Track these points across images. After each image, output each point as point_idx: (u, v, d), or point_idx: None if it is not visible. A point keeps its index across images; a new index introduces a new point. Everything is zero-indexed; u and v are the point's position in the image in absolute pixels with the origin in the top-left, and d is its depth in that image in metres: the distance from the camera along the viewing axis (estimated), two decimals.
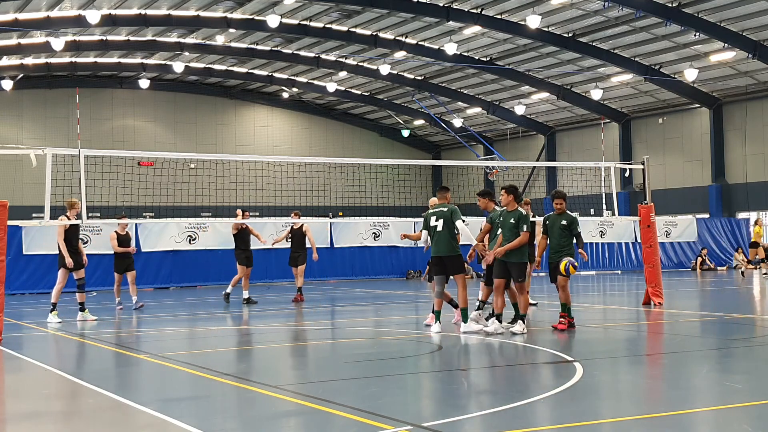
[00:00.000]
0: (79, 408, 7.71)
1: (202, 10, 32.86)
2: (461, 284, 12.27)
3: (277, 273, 25.58)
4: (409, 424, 6.48)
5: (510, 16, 32.12)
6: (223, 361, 10.41)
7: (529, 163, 47.71)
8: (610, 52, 34.21)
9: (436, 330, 12.16)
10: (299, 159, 29.76)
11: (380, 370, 9.42)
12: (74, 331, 13.68)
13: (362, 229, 27.26)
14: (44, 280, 23.04)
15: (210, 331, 14.03)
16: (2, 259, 12.08)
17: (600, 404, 7.45)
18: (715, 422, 6.74)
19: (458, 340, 11.61)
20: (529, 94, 40.99)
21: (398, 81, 41.57)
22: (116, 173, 20.36)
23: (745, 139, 36.34)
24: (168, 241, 24.63)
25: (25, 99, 42.17)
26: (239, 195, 23.87)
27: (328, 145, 48.95)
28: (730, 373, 8.94)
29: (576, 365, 9.03)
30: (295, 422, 6.96)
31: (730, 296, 20.04)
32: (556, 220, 12.63)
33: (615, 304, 18.80)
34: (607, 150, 38.47)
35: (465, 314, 12.25)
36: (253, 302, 18.07)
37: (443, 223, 12.27)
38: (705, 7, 29.16)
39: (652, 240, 16.65)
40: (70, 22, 32.15)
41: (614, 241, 31.03)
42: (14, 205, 14.56)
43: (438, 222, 12.27)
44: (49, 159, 12.94)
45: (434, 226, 12.30)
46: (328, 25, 34.42)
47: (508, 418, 6.78)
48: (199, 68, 42.27)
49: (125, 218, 17.84)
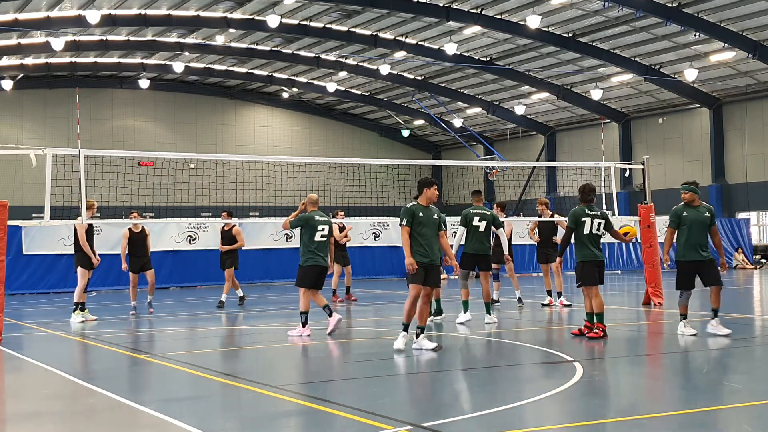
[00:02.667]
0: (79, 408, 7.71)
1: (202, 10, 32.86)
2: (485, 279, 13.68)
3: (278, 273, 25.58)
4: (409, 424, 6.48)
5: (510, 16, 32.12)
6: (223, 361, 10.41)
7: (529, 163, 47.71)
8: (610, 52, 34.21)
9: (466, 318, 13.35)
10: (299, 159, 29.73)
11: (380, 370, 9.42)
12: (74, 331, 13.68)
13: (362, 229, 27.25)
14: (44, 280, 23.07)
15: (210, 331, 14.03)
16: (2, 259, 12.09)
17: (600, 404, 7.45)
18: (715, 422, 6.74)
19: (458, 341, 11.61)
20: (529, 94, 40.99)
21: (398, 81, 41.57)
22: (116, 173, 20.34)
23: (745, 139, 36.34)
24: (168, 241, 24.63)
25: (25, 99, 42.17)
26: (239, 195, 23.83)
27: (328, 145, 48.95)
28: (730, 373, 8.94)
29: (576, 365, 9.03)
30: (295, 422, 6.96)
31: (730, 296, 20.03)
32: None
33: (615, 304, 18.78)
34: (607, 150, 38.45)
35: (488, 307, 13.52)
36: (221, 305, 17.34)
37: (486, 225, 13.58)
38: (705, 7, 29.16)
39: (652, 240, 16.64)
40: (70, 22, 32.14)
41: (614, 241, 30.94)
42: (14, 205, 14.55)
43: (480, 223, 13.53)
44: (49, 159, 12.94)
45: (476, 226, 13.50)
46: (328, 25, 34.42)
47: (508, 418, 6.78)
48: (199, 68, 42.27)
49: (137, 216, 17.17)
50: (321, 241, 12.11)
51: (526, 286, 23.89)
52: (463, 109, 44.76)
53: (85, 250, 14.82)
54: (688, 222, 11.35)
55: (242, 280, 25.77)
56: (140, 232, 16.49)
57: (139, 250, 16.35)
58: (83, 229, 14.78)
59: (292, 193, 30.08)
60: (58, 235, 22.68)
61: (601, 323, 11.33)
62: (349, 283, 19.19)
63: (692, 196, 11.52)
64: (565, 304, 15.88)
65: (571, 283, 13.81)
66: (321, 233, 12.12)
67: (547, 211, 16.51)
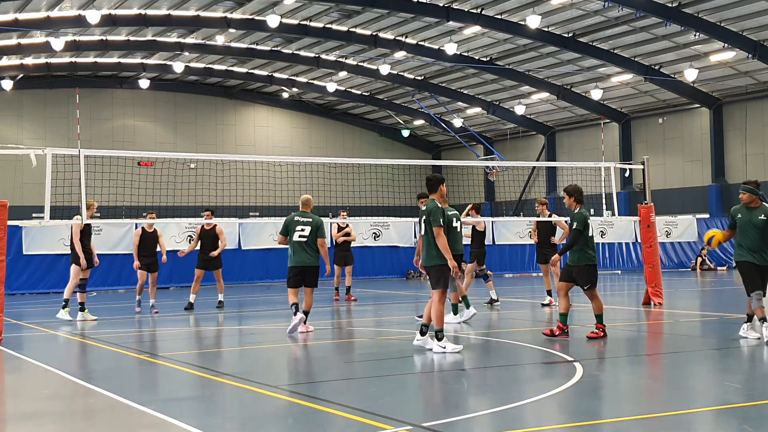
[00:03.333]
0: (79, 408, 7.71)
1: (202, 10, 32.86)
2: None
3: (278, 273, 25.56)
4: (409, 424, 6.48)
5: (510, 16, 32.12)
6: (223, 361, 10.41)
7: (529, 163, 47.69)
8: (610, 52, 34.21)
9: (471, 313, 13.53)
10: (299, 159, 29.73)
11: (380, 370, 9.42)
12: (74, 331, 13.68)
13: (362, 229, 27.26)
14: (44, 280, 23.07)
15: (210, 331, 14.03)
16: (2, 259, 12.09)
17: (600, 404, 7.45)
18: (715, 422, 6.74)
19: (458, 341, 11.60)
20: (529, 94, 40.99)
21: (398, 81, 41.57)
22: (116, 173, 20.31)
23: (745, 139, 36.34)
24: (168, 241, 24.55)
25: (25, 99, 42.16)
26: (239, 195, 23.82)
27: (328, 145, 48.94)
28: (730, 373, 8.93)
29: (576, 365, 9.03)
30: (295, 422, 6.96)
31: (730, 296, 20.04)
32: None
33: (615, 304, 18.79)
34: (607, 150, 38.45)
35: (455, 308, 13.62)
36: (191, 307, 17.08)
37: (461, 224, 12.79)
38: (705, 7, 29.16)
39: (652, 240, 16.65)
40: (70, 22, 32.14)
41: (614, 241, 31.04)
42: (14, 205, 14.55)
43: (458, 223, 12.43)
44: (49, 159, 12.94)
45: (455, 227, 12.22)
46: (328, 25, 34.41)
47: (508, 418, 6.79)
48: (199, 68, 42.27)
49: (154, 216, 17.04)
50: (299, 241, 12.41)
51: (526, 286, 23.92)
52: (463, 109, 44.76)
53: (77, 249, 14.84)
54: (740, 223, 10.87)
55: (242, 280, 25.93)
56: (153, 232, 16.68)
57: (148, 250, 16.48)
58: (78, 229, 14.80)
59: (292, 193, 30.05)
60: (58, 235, 22.67)
61: (600, 323, 11.34)
62: (349, 283, 19.16)
63: (750, 197, 10.88)
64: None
65: None
66: (299, 233, 12.43)
67: (546, 211, 16.49)
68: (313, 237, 12.45)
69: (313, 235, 12.44)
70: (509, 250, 29.70)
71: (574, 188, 11.82)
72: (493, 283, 16.88)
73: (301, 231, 12.43)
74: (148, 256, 16.48)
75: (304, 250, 12.42)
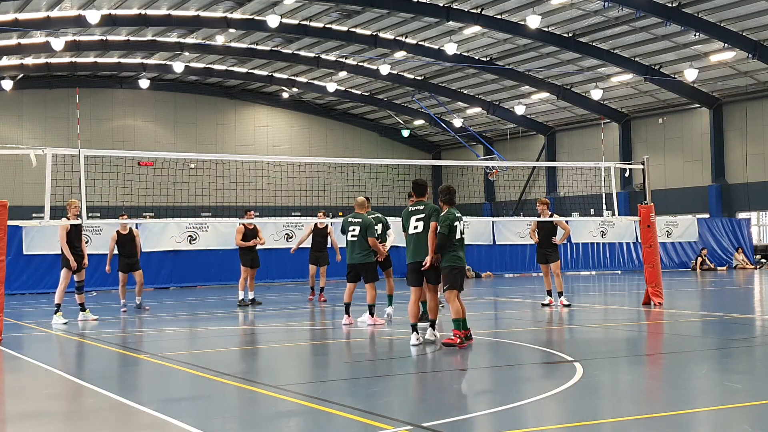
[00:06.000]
0: (80, 408, 7.71)
1: (202, 10, 32.86)
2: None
3: (277, 273, 25.57)
4: (409, 424, 6.48)
5: (510, 16, 32.11)
6: (223, 361, 10.40)
7: (529, 163, 47.71)
8: (610, 52, 34.21)
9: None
10: (299, 159, 29.76)
11: (380, 370, 9.42)
12: (74, 331, 13.68)
13: None
14: (44, 280, 23.03)
15: (210, 331, 14.03)
16: (2, 259, 12.08)
17: (600, 404, 7.45)
18: (715, 422, 6.74)
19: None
20: (529, 94, 40.99)
21: (398, 81, 41.57)
22: (116, 173, 20.34)
23: (745, 139, 36.34)
24: (168, 241, 24.62)
25: (25, 99, 42.16)
26: (239, 195, 23.86)
27: (328, 145, 48.94)
28: (730, 373, 8.93)
29: (576, 365, 9.02)
30: (295, 422, 6.96)
31: (730, 296, 20.04)
32: None
33: (615, 304, 18.80)
34: (607, 150, 38.47)
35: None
36: (258, 303, 18.04)
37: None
38: (705, 7, 29.16)
39: (652, 240, 16.64)
40: (70, 22, 32.14)
41: (615, 241, 31.04)
42: (14, 205, 14.56)
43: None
44: (49, 159, 12.93)
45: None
46: (328, 25, 34.42)
47: (508, 418, 6.78)
48: (199, 68, 42.27)
49: (125, 217, 17.71)
50: (351, 240, 13.60)
51: (526, 286, 23.91)
52: (463, 109, 44.75)
53: (64, 251, 14.83)
54: None
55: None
56: (128, 234, 17.16)
57: (127, 251, 17.03)
58: (64, 230, 14.76)
59: (292, 193, 30.16)
60: (58, 236, 22.62)
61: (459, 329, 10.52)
62: (323, 284, 19.08)
63: None
64: (565, 304, 15.88)
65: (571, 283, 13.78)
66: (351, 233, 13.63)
67: (546, 211, 16.48)
68: (363, 236, 13.38)
69: (362, 234, 13.39)
70: (509, 250, 29.71)
71: (444, 188, 11.11)
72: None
73: (353, 231, 13.50)
74: (128, 257, 17.04)
75: (354, 249, 13.55)
